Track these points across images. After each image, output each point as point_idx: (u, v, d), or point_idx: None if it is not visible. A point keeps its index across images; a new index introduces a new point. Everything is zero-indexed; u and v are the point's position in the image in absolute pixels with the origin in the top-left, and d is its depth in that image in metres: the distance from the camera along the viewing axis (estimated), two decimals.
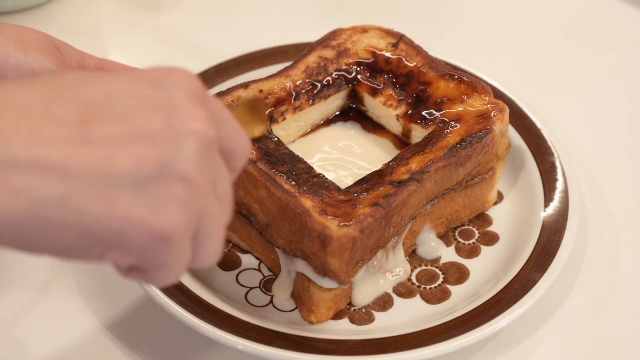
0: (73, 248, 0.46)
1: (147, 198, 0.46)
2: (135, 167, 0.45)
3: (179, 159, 0.46)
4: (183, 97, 0.48)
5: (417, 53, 0.83)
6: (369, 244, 0.69)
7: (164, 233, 0.46)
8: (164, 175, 0.46)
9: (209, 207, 0.49)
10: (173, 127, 0.47)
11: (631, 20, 1.12)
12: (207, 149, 0.48)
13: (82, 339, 0.72)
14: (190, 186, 0.47)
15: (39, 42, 0.74)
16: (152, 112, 0.46)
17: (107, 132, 0.45)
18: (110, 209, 0.44)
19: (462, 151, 0.73)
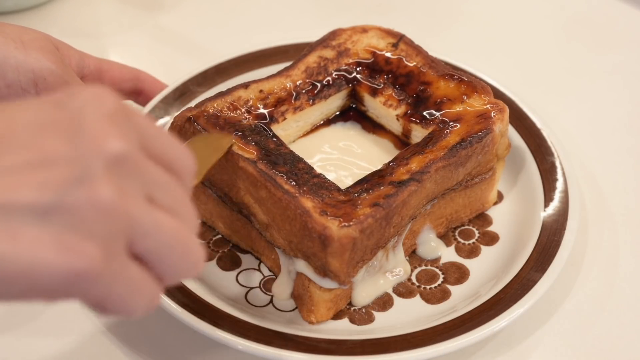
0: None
1: (54, 229, 0.42)
2: (36, 195, 0.42)
3: (84, 182, 0.43)
4: (91, 116, 0.45)
5: (417, 53, 0.83)
6: (370, 244, 0.69)
7: (75, 268, 0.42)
8: (69, 201, 0.42)
9: (143, 223, 0.45)
10: (78, 148, 0.43)
11: (631, 20, 1.12)
12: (123, 164, 0.45)
13: (82, 339, 0.72)
14: (101, 209, 0.43)
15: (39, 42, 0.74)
16: (55, 136, 0.43)
17: (7, 163, 0.42)
18: (14, 246, 0.41)
19: (462, 151, 0.73)
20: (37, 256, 0.41)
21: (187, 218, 0.49)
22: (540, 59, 1.06)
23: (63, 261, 0.42)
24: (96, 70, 0.82)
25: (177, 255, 0.47)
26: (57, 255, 0.42)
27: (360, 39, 0.85)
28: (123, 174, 0.45)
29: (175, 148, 0.50)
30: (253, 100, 0.78)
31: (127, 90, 0.86)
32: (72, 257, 0.42)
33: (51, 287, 0.43)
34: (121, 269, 0.45)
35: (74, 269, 0.42)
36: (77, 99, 0.46)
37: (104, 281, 0.44)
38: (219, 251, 0.79)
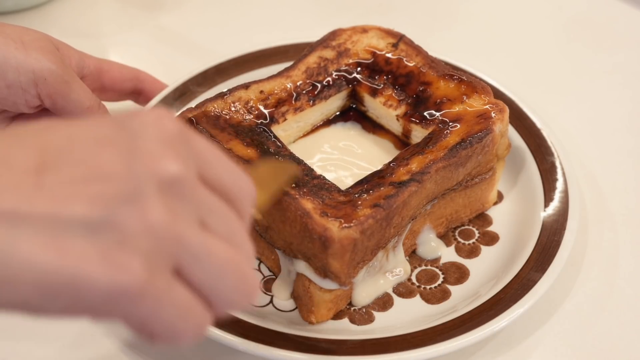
0: (31, 304, 0.42)
1: (100, 244, 0.42)
2: (86, 210, 0.42)
3: (135, 200, 0.43)
4: (149, 138, 0.45)
5: (417, 53, 0.83)
6: (370, 245, 0.69)
7: (119, 284, 0.42)
8: (118, 217, 0.43)
9: (193, 247, 0.45)
10: (132, 167, 0.44)
11: (631, 20, 1.12)
12: (177, 187, 0.45)
13: (82, 339, 0.72)
14: (149, 228, 0.43)
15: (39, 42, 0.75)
16: (111, 153, 0.44)
17: (62, 177, 0.43)
18: (60, 258, 0.41)
19: (462, 151, 0.73)
20: (82, 269, 0.41)
21: (241, 247, 0.48)
22: (540, 59, 1.06)
23: (107, 276, 0.42)
24: (96, 70, 0.82)
25: (229, 282, 0.47)
26: (102, 270, 0.42)
27: (360, 39, 0.85)
28: (176, 196, 0.45)
29: (234, 175, 0.49)
30: (253, 100, 0.78)
31: (127, 90, 0.86)
32: (116, 272, 0.42)
33: (94, 302, 0.42)
34: (167, 290, 0.44)
35: (118, 284, 0.42)
36: (137, 120, 0.46)
37: (148, 301, 0.44)
38: None
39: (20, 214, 0.41)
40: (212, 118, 0.75)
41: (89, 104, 0.75)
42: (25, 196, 0.41)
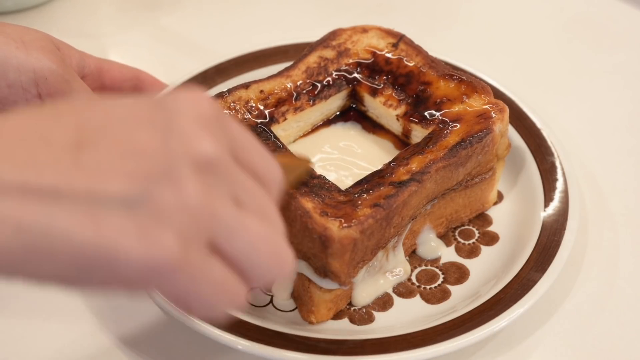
0: (69, 276, 0.44)
1: (137, 220, 0.43)
2: (123, 187, 0.43)
3: (171, 177, 0.44)
4: (185, 118, 0.46)
5: (417, 53, 0.83)
6: (370, 245, 0.69)
7: (153, 260, 0.43)
8: (154, 194, 0.44)
9: (228, 223, 0.46)
10: (169, 145, 0.45)
11: (631, 20, 1.12)
12: (212, 166, 0.46)
13: (82, 339, 0.72)
14: (185, 205, 0.44)
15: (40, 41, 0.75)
16: (148, 132, 0.45)
17: (100, 154, 0.44)
18: (97, 233, 0.42)
19: (462, 151, 0.73)
20: (119, 244, 0.43)
21: (274, 222, 0.50)
22: (540, 59, 1.06)
23: (143, 250, 0.43)
24: (96, 70, 0.82)
25: (264, 255, 0.48)
26: (138, 245, 0.43)
27: (360, 39, 0.85)
28: (211, 175, 0.46)
29: (265, 159, 0.51)
30: (253, 100, 0.78)
31: (127, 90, 0.86)
32: (152, 247, 0.43)
33: (131, 275, 0.44)
34: (202, 265, 0.46)
35: (153, 259, 0.43)
36: (174, 101, 0.47)
37: (183, 276, 0.45)
38: None
39: (60, 190, 0.42)
40: None
41: None
42: (65, 173, 0.43)
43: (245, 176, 0.49)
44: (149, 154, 0.44)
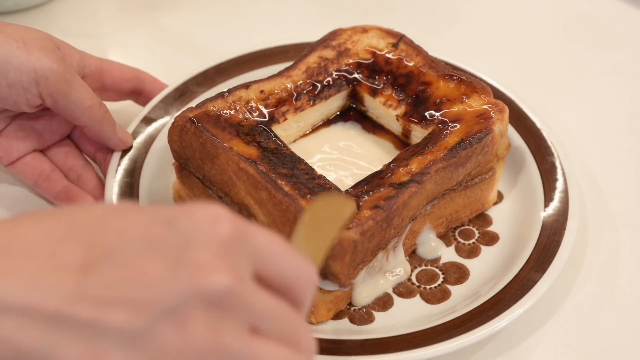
0: None
1: (136, 357, 0.42)
2: (126, 320, 0.41)
3: (176, 316, 0.42)
4: (200, 243, 0.43)
5: (417, 53, 0.83)
6: (370, 246, 0.69)
7: None
8: (157, 332, 0.42)
9: (236, 357, 0.43)
10: (178, 279, 0.42)
11: (631, 20, 1.12)
12: (225, 300, 0.43)
13: None
14: (187, 349, 0.42)
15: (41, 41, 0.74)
16: (158, 260, 0.42)
17: (106, 280, 0.42)
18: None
19: (462, 152, 0.73)
20: None
21: (299, 345, 0.46)
22: (540, 59, 1.06)
23: None
24: (97, 70, 0.82)
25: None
26: None
27: (360, 39, 0.85)
28: (223, 309, 0.43)
29: (294, 266, 0.47)
30: (254, 100, 0.78)
31: (128, 90, 0.86)
32: None
33: None
34: None
35: None
36: (190, 220, 0.44)
37: None
38: None
39: (62, 317, 0.41)
40: (213, 117, 0.75)
41: (90, 103, 0.75)
42: (69, 298, 0.41)
43: (267, 298, 0.45)
44: (156, 286, 0.42)
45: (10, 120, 0.79)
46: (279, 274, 0.47)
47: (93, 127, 0.78)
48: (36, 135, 0.80)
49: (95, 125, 0.77)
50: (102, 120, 0.77)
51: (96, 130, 0.78)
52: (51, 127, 0.80)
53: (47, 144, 0.81)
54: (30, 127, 0.79)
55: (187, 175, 0.79)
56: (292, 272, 0.47)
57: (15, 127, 0.79)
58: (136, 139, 0.83)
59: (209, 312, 0.43)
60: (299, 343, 0.46)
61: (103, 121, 0.78)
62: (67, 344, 0.41)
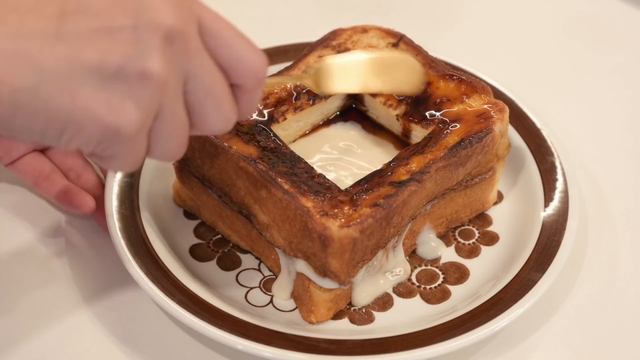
0: (45, 134, 0.51)
1: (107, 93, 0.50)
2: (98, 62, 0.50)
3: (139, 57, 0.50)
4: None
5: (417, 53, 0.83)
6: (370, 244, 0.69)
7: (117, 128, 0.51)
8: (125, 71, 0.50)
9: (167, 107, 0.53)
10: (139, 24, 0.50)
11: (631, 20, 1.12)
12: (175, 45, 0.52)
13: (82, 340, 0.72)
14: (148, 84, 0.51)
15: None
16: (123, 10, 0.50)
17: (80, 27, 0.50)
18: (72, 100, 0.50)
19: (462, 151, 0.73)
20: (90, 109, 0.50)
21: (208, 113, 0.56)
22: (540, 59, 1.06)
23: (109, 116, 0.51)
24: None
25: (168, 143, 0.55)
26: (106, 111, 0.50)
27: (360, 39, 0.85)
28: (171, 54, 0.52)
29: (236, 50, 0.56)
30: None
31: None
32: (116, 116, 0.51)
33: (95, 137, 0.51)
34: (143, 138, 0.53)
35: (115, 126, 0.51)
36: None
37: (129, 144, 0.52)
38: (219, 251, 0.79)
39: (44, 61, 0.49)
40: None
41: None
42: (48, 44, 0.49)
43: (208, 60, 0.54)
44: (123, 31, 0.50)
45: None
46: (219, 50, 0.55)
47: None
48: None
49: None
50: None
51: None
52: None
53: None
54: None
55: (187, 175, 0.79)
56: (235, 53, 0.56)
57: None
58: None
59: (168, 56, 0.52)
60: (206, 109, 0.56)
61: None
62: (48, 83, 0.49)
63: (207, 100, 0.55)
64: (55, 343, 0.72)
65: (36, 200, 0.83)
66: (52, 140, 0.52)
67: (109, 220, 0.75)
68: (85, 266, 0.77)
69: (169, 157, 0.56)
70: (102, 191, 0.80)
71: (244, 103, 0.58)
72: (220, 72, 0.55)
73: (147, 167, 0.82)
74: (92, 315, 0.74)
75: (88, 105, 0.50)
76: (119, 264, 0.73)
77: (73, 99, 0.50)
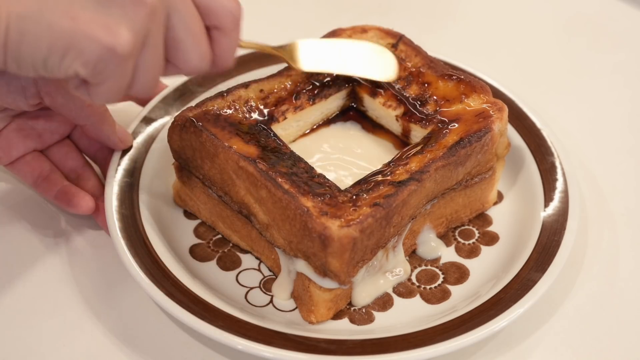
0: (48, 60, 0.56)
1: (105, 17, 0.55)
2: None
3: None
4: None
5: (416, 53, 0.83)
6: (370, 244, 0.69)
7: (113, 48, 0.56)
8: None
9: (152, 37, 0.58)
10: None
11: (631, 20, 1.12)
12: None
13: (82, 340, 0.72)
14: (142, 9, 0.56)
15: None
16: None
17: None
18: (73, 24, 0.55)
19: (461, 150, 0.73)
20: (90, 31, 0.55)
21: (182, 50, 0.62)
22: (540, 59, 1.06)
23: (107, 37, 0.55)
24: None
25: (148, 74, 0.60)
26: (104, 32, 0.55)
27: (360, 38, 0.85)
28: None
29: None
30: (253, 99, 0.78)
31: None
32: (113, 36, 0.56)
33: (90, 57, 0.56)
34: (130, 65, 0.58)
35: (112, 45, 0.56)
36: None
37: (120, 66, 0.57)
38: (219, 251, 0.79)
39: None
40: (212, 117, 0.75)
41: (89, 102, 0.76)
42: None
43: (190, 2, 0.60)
44: None
45: (10, 120, 0.79)
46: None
47: (92, 126, 0.78)
48: (36, 135, 0.80)
49: (95, 124, 0.77)
50: (101, 119, 0.77)
51: (95, 129, 0.78)
52: (51, 127, 0.80)
53: (47, 143, 0.81)
54: (30, 127, 0.79)
55: (187, 175, 0.79)
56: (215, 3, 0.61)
57: (15, 127, 0.79)
58: (136, 138, 0.83)
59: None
60: (179, 47, 0.61)
61: (103, 120, 0.78)
62: (50, 9, 0.54)
63: (187, 36, 0.60)
64: (55, 343, 0.72)
65: (36, 200, 0.83)
66: (53, 65, 0.56)
67: (109, 220, 0.75)
68: (85, 266, 0.77)
69: (146, 89, 0.61)
70: (102, 191, 0.80)
71: (221, 45, 0.63)
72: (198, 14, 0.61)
73: (147, 167, 0.81)
74: (92, 315, 0.74)
75: (88, 27, 0.55)
76: (119, 264, 0.73)
77: (74, 22, 0.55)
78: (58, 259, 0.78)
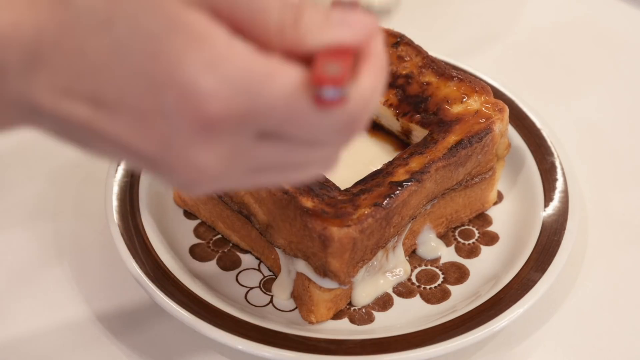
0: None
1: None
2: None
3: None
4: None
5: (417, 53, 0.83)
6: (370, 244, 0.69)
7: (195, 178, 0.47)
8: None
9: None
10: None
11: (631, 20, 1.12)
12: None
13: (82, 339, 0.72)
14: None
15: None
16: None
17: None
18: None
19: (462, 151, 0.73)
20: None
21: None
22: (540, 59, 1.06)
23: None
24: None
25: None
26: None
27: None
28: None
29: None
30: None
31: None
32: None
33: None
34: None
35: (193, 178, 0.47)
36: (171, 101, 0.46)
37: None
38: (219, 251, 0.79)
39: (43, 44, 0.44)
40: None
41: None
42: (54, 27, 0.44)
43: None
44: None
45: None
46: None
47: None
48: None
49: None
50: None
51: None
52: None
53: None
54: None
55: None
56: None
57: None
58: None
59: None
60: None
61: None
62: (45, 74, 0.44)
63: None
64: (55, 343, 0.72)
65: (36, 199, 0.83)
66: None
67: (109, 220, 0.75)
68: (85, 266, 0.77)
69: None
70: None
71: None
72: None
73: None
74: (92, 315, 0.74)
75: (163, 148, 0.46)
76: (119, 264, 0.73)
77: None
78: (58, 259, 0.78)
